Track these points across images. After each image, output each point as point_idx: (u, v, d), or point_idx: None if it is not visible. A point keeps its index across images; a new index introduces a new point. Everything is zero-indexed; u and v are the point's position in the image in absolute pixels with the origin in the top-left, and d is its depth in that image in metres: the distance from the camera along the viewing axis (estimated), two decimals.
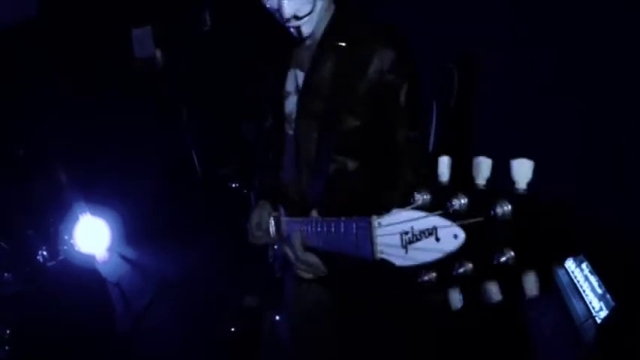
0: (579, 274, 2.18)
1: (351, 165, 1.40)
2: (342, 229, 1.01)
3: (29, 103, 2.84)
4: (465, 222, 0.65)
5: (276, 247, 1.78)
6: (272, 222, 1.58)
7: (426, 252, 0.71)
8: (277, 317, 2.74)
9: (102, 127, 2.99)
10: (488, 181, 0.66)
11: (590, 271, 2.11)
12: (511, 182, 0.63)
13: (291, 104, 1.51)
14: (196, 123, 3.29)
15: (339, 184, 1.38)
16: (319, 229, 1.17)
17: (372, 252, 0.85)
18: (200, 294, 2.86)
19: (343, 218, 1.04)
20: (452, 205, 0.66)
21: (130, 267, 2.94)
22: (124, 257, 2.95)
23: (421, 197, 0.72)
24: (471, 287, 0.66)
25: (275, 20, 1.37)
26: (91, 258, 2.73)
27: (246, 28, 2.92)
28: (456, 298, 0.69)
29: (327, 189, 1.36)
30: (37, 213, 2.61)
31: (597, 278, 2.05)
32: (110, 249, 2.88)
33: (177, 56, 3.11)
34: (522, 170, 0.62)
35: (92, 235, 2.78)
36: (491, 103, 2.66)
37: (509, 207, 0.60)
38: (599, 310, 2.01)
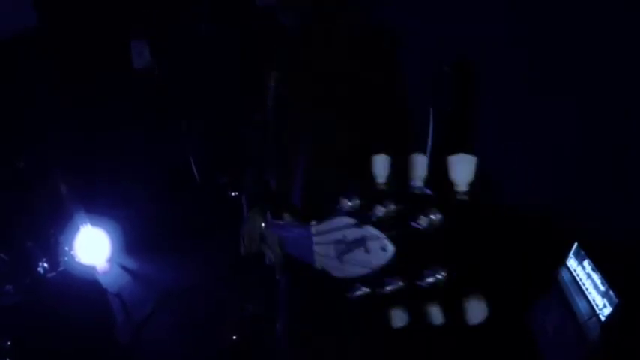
0: (581, 271, 2.16)
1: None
2: (297, 235, 0.92)
3: (30, 114, 2.86)
4: (392, 233, 0.55)
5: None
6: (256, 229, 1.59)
7: (356, 266, 0.62)
8: (278, 325, 2.72)
9: (102, 138, 3.00)
10: (426, 182, 0.57)
11: (592, 269, 2.09)
12: (449, 184, 0.52)
13: (276, 103, 1.52)
14: (195, 132, 3.30)
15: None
16: (287, 233, 1.13)
17: (313, 260, 0.78)
18: (201, 303, 2.85)
19: (296, 223, 0.98)
20: (378, 213, 0.56)
21: (130, 277, 2.93)
22: (124, 268, 2.95)
23: (348, 202, 0.62)
24: (409, 306, 0.56)
25: (270, 19, 1.38)
26: (91, 269, 2.72)
27: (244, 37, 2.96)
28: (398, 315, 0.57)
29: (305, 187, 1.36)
30: (37, 224, 2.61)
31: (600, 275, 2.04)
32: (110, 259, 2.88)
33: (175, 66, 3.14)
34: (462, 168, 0.52)
35: (92, 246, 2.78)
36: (489, 105, 2.66)
37: (439, 216, 0.50)
38: (603, 307, 1.99)
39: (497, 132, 2.60)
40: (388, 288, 0.56)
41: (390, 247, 0.56)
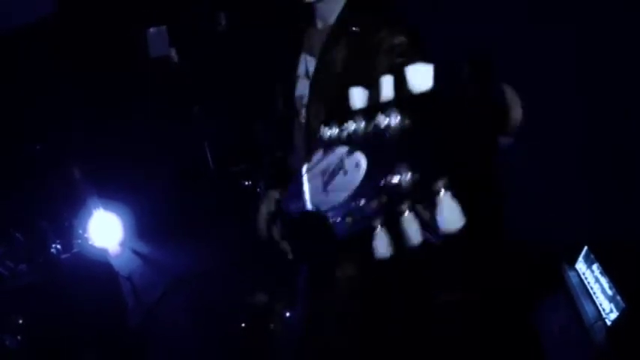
0: (590, 275, 2.15)
1: None
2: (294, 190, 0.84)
3: (45, 100, 2.90)
4: (360, 144, 0.53)
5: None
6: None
7: (338, 191, 0.59)
8: (287, 314, 2.76)
9: (116, 124, 3.04)
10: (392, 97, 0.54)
11: (600, 272, 2.09)
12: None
13: (301, 88, 1.53)
14: (210, 120, 3.32)
15: None
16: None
17: (304, 205, 0.73)
18: (211, 290, 2.89)
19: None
20: (349, 128, 0.55)
21: (141, 261, 2.98)
22: (135, 252, 3.00)
23: (328, 130, 0.60)
24: (390, 228, 0.53)
25: (290, 5, 1.39)
26: (103, 252, 2.78)
27: (261, 27, 2.95)
28: (382, 245, 0.55)
29: None
30: (51, 207, 2.67)
31: (608, 279, 2.03)
32: (122, 243, 2.93)
33: (191, 55, 3.16)
34: (419, 77, 0.50)
35: (105, 230, 2.83)
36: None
37: (398, 115, 0.48)
38: (610, 311, 1.98)
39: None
40: (368, 210, 0.54)
41: (363, 161, 0.54)
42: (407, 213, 0.51)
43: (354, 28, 1.34)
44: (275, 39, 1.66)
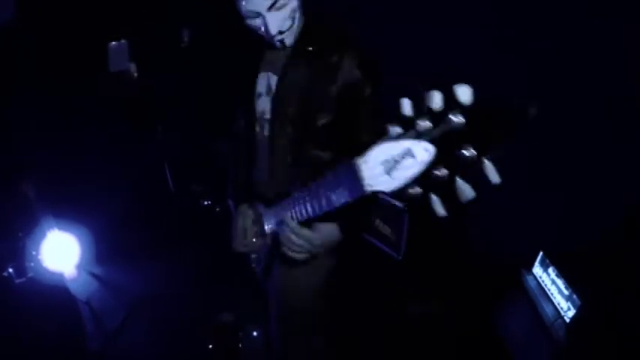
0: (546, 278, 2.35)
1: (326, 156, 1.53)
2: (331, 181, 1.08)
3: None
4: (432, 136, 0.80)
5: (255, 254, 1.80)
6: (252, 224, 1.62)
7: (408, 169, 0.84)
8: (255, 333, 2.73)
9: (73, 141, 2.90)
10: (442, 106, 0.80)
11: (556, 275, 2.28)
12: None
13: (262, 105, 1.60)
14: (170, 139, 3.26)
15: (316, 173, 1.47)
16: (306, 197, 1.21)
17: (362, 187, 0.95)
18: (175, 312, 2.79)
19: (327, 173, 1.10)
20: (419, 126, 0.81)
21: (100, 284, 2.82)
22: (93, 274, 2.83)
23: (392, 129, 0.86)
24: (449, 190, 0.81)
25: (251, 31, 1.47)
26: (59, 275, 2.60)
27: (223, 44, 2.98)
28: (439, 205, 0.82)
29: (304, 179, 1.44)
30: (3, 227, 2.47)
31: (564, 281, 2.23)
32: (79, 266, 2.76)
33: (152, 71, 3.11)
34: (465, 94, 0.76)
35: (60, 252, 2.65)
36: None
37: (461, 116, 0.76)
38: (567, 310, 2.17)
39: None
40: (437, 175, 0.80)
41: (431, 147, 0.81)
42: (460, 180, 0.80)
43: (310, 49, 1.46)
44: (236, 57, 1.72)
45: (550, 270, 2.34)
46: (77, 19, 2.80)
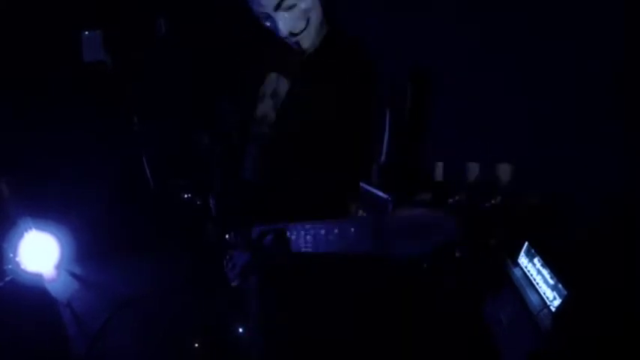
0: (532, 268, 2.37)
1: (323, 167, 1.50)
2: (350, 231, 1.05)
3: None
4: (463, 215, 0.79)
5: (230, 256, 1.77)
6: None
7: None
8: (240, 330, 2.71)
9: (48, 137, 2.78)
10: (476, 181, 0.82)
11: (542, 265, 2.31)
12: (497, 180, 0.80)
13: (264, 107, 1.55)
14: (149, 133, 3.16)
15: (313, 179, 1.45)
16: (322, 232, 1.19)
17: (395, 247, 0.93)
18: (159, 311, 2.74)
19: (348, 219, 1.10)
20: (452, 201, 0.80)
21: (81, 285, 2.74)
22: (73, 275, 2.75)
23: (424, 195, 0.85)
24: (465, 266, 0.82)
25: (264, 29, 1.42)
26: (38, 277, 2.52)
27: (202, 35, 2.89)
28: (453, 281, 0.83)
29: (302, 186, 1.42)
30: None
31: (549, 270, 2.25)
32: (58, 266, 2.68)
33: (128, 62, 2.99)
34: (505, 173, 0.80)
35: (38, 252, 2.57)
36: (444, 112, 2.82)
37: (499, 199, 0.77)
38: (553, 299, 2.20)
39: (450, 138, 2.77)
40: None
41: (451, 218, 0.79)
42: None
43: (332, 61, 1.43)
44: (235, 52, 1.67)
45: (535, 260, 2.37)
46: (50, 9, 2.67)
